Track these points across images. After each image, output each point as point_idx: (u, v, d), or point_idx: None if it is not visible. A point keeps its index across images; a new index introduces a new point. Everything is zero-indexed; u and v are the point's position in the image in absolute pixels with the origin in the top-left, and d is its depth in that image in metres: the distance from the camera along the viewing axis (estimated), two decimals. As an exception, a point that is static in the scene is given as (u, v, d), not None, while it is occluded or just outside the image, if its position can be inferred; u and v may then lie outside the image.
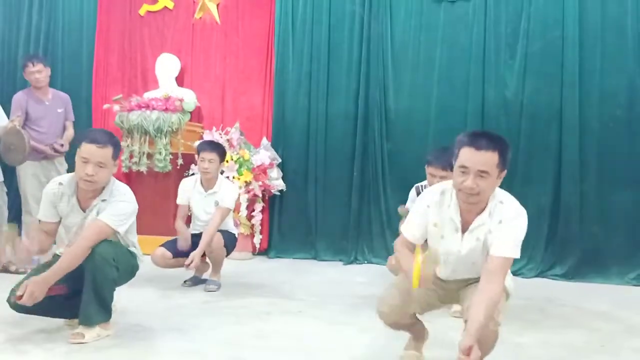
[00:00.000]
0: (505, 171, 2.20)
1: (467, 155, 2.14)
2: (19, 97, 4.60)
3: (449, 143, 5.13)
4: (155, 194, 5.41)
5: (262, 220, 5.51)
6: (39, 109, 4.61)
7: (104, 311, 2.80)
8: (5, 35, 6.30)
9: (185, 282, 4.14)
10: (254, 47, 5.80)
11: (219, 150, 4.15)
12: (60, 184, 2.85)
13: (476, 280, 2.26)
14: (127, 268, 2.89)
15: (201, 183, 4.14)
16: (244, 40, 5.84)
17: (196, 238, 4.01)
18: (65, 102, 4.83)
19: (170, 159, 5.34)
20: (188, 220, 4.27)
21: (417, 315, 2.51)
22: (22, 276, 2.86)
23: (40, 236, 2.84)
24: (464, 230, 2.26)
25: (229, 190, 4.16)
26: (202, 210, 4.12)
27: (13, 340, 2.74)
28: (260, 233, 5.51)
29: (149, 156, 5.36)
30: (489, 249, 2.21)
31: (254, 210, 5.47)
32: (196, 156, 4.24)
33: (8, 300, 2.70)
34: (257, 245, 5.50)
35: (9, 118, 4.49)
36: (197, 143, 5.17)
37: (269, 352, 2.70)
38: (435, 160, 3.44)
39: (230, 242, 4.12)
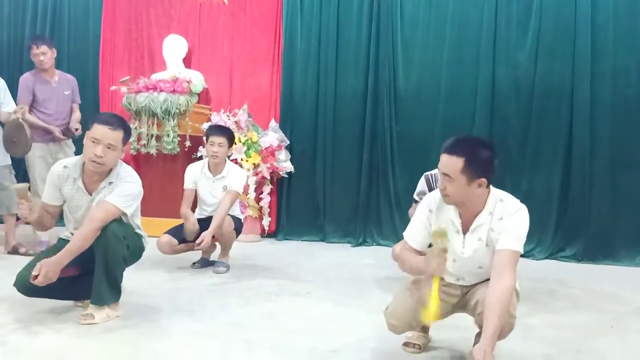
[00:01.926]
0: (483, 179, 2.16)
1: (441, 158, 2.22)
2: (25, 79, 4.59)
3: (458, 124, 5.12)
4: (163, 176, 5.42)
5: (270, 202, 5.51)
6: (45, 91, 4.60)
7: (115, 291, 2.83)
8: (12, 16, 6.30)
9: (193, 264, 4.15)
10: (262, 27, 5.75)
11: (228, 134, 4.13)
12: (65, 166, 2.85)
13: (485, 281, 2.26)
14: (135, 248, 2.91)
15: (209, 168, 4.12)
16: (252, 21, 5.79)
17: (203, 222, 4.00)
18: (72, 84, 4.81)
19: (178, 141, 5.33)
20: (194, 205, 4.25)
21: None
22: (30, 258, 2.88)
23: (42, 213, 2.83)
24: (465, 231, 2.27)
25: (238, 174, 4.14)
26: (210, 195, 4.10)
27: (23, 321, 2.76)
28: (269, 215, 5.52)
29: (157, 138, 5.36)
30: (494, 247, 2.21)
31: (262, 193, 5.47)
32: (204, 140, 4.21)
33: (15, 284, 2.72)
34: (266, 228, 5.51)
35: (15, 99, 4.50)
36: (205, 125, 5.16)
37: (277, 333, 2.71)
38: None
39: (237, 226, 4.13)
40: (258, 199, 5.46)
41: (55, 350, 2.41)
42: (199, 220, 4.07)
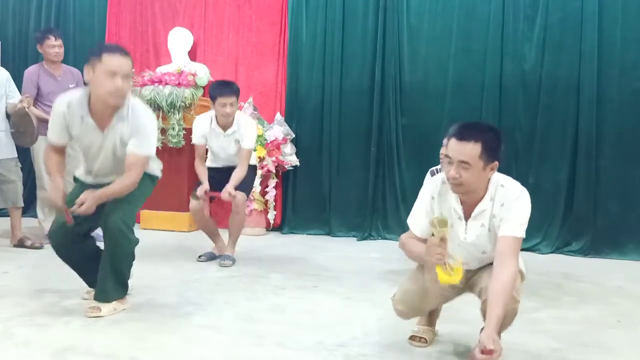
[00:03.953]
0: (496, 163, 2.19)
1: (451, 145, 2.19)
2: (30, 72, 4.61)
3: (465, 117, 5.08)
4: (169, 169, 5.35)
5: (275, 196, 5.50)
6: (50, 84, 4.61)
7: (121, 287, 2.84)
8: (16, 9, 6.29)
9: (199, 257, 4.15)
10: (268, 20, 5.72)
11: (236, 90, 4.04)
12: (69, 105, 2.72)
13: (489, 265, 2.25)
14: (139, 197, 2.89)
15: (217, 123, 4.06)
16: (257, 13, 5.76)
17: (218, 173, 4.05)
18: (77, 78, 4.82)
19: (184, 134, 5.32)
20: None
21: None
22: (37, 250, 2.89)
23: (55, 158, 2.82)
24: (467, 217, 2.27)
25: (249, 129, 4.07)
26: (222, 149, 4.10)
27: (31, 313, 2.78)
28: (274, 209, 5.51)
29: (163, 132, 5.35)
30: (497, 233, 2.20)
31: (267, 186, 5.46)
32: (210, 100, 4.08)
33: (49, 236, 2.79)
34: (271, 221, 5.50)
35: (20, 91, 4.51)
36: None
37: (283, 326, 2.71)
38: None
39: (250, 177, 4.19)
40: (263, 193, 5.45)
41: (62, 342, 2.42)
42: (214, 169, 4.10)
